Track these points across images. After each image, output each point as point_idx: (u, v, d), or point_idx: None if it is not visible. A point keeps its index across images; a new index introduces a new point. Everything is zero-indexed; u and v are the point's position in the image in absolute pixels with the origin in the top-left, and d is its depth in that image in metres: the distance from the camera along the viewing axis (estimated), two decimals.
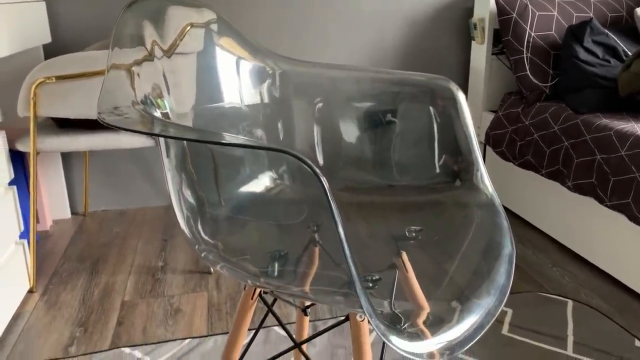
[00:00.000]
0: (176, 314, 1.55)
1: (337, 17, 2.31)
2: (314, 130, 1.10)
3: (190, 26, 1.07)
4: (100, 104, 0.72)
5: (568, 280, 1.72)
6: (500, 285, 0.82)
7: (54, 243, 2.02)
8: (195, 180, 0.87)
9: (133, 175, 2.31)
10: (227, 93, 1.05)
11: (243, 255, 0.83)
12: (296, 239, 0.92)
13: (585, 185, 1.72)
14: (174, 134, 0.61)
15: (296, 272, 0.81)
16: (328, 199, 0.56)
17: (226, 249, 0.85)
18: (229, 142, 0.59)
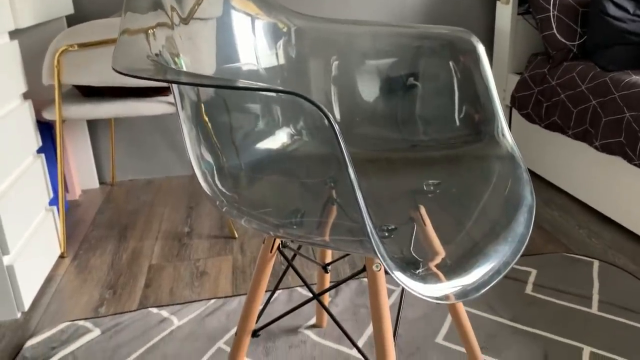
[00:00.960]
0: (202, 277, 1.58)
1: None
2: (331, 88, 1.10)
3: None
4: (116, 59, 0.72)
5: (594, 241, 1.69)
6: (519, 234, 0.81)
7: (83, 211, 2.07)
8: (211, 134, 0.87)
9: (158, 145, 2.35)
10: (243, 55, 1.05)
11: (262, 209, 0.84)
12: (314, 196, 0.93)
13: (614, 144, 1.68)
14: (187, 80, 0.62)
15: (315, 223, 0.81)
16: (337, 137, 0.56)
17: (245, 203, 0.86)
18: (240, 86, 0.59)
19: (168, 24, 0.91)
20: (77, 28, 1.57)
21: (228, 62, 1.02)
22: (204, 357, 1.22)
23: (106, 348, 1.26)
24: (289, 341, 1.26)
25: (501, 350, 1.21)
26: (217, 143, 0.86)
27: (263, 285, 0.94)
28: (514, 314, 1.33)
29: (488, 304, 1.37)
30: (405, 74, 1.12)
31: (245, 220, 0.82)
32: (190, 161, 0.84)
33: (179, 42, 0.94)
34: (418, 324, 1.31)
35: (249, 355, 1.22)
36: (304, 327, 1.32)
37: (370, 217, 0.64)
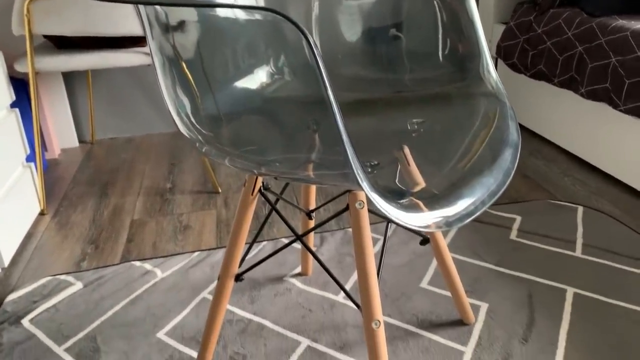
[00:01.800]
0: (185, 230, 1.56)
1: None
2: (312, 27, 1.06)
3: None
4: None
5: (579, 188, 1.69)
6: (504, 168, 0.79)
7: (62, 170, 2.02)
8: (184, 69, 0.84)
9: (138, 102, 2.29)
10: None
11: (244, 147, 0.82)
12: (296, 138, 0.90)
13: (599, 90, 1.66)
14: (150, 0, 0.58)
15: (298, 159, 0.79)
16: (315, 58, 0.53)
17: (225, 142, 0.83)
18: (209, 3, 0.56)
19: None
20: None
21: None
22: (188, 307, 1.21)
23: (89, 300, 1.24)
24: (274, 289, 1.26)
25: (486, 293, 1.21)
26: (191, 80, 0.83)
27: (245, 229, 0.92)
28: (498, 259, 1.33)
29: (473, 250, 1.37)
30: (388, 24, 1.08)
31: (227, 159, 0.79)
32: (166, 103, 0.81)
33: None
34: (402, 271, 1.30)
35: (234, 304, 1.21)
36: (289, 275, 1.31)
37: (352, 147, 0.62)
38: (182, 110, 0.84)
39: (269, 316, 1.17)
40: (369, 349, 0.80)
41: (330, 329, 1.12)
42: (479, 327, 1.11)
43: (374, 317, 0.79)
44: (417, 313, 1.16)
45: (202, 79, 0.84)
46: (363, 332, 1.11)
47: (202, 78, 0.84)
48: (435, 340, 1.08)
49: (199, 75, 0.83)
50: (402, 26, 1.05)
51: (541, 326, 1.11)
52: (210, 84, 0.84)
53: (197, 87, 0.85)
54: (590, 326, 1.10)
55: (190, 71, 0.82)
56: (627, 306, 1.15)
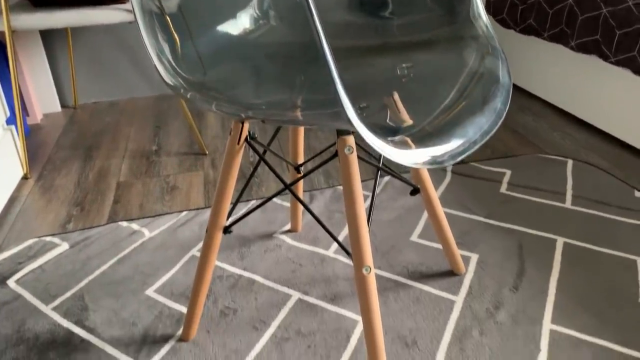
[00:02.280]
0: (172, 191, 1.54)
1: None
2: None
3: None
4: None
5: (568, 142, 1.69)
6: (496, 109, 0.78)
7: (45, 134, 1.98)
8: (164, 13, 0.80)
9: (121, 65, 2.24)
10: None
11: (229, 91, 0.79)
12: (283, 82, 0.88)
13: (590, 43, 1.64)
14: None
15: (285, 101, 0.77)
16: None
17: (209, 87, 0.80)
18: None
19: None
20: None
21: None
22: (177, 264, 1.20)
23: (76, 261, 1.23)
24: (264, 246, 1.25)
25: (476, 245, 1.21)
26: (170, 24, 0.80)
27: (232, 180, 0.90)
28: (488, 212, 1.33)
29: (462, 204, 1.37)
30: None
31: (214, 105, 0.77)
32: (147, 50, 0.78)
33: None
34: (392, 225, 1.30)
35: (224, 261, 1.20)
36: (279, 232, 1.30)
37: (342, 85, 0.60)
38: (163, 57, 0.81)
39: (259, 271, 1.16)
40: (360, 296, 0.79)
41: (320, 282, 1.12)
42: (470, 277, 1.11)
43: (365, 262, 0.78)
44: (408, 265, 1.16)
45: (182, 23, 0.81)
46: (354, 285, 1.10)
47: (182, 23, 0.80)
48: (426, 290, 1.08)
49: (179, 19, 0.80)
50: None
51: (531, 275, 1.11)
52: (189, 29, 0.81)
53: (178, 32, 0.82)
54: (580, 273, 1.10)
55: (170, 15, 0.79)
56: (616, 253, 1.16)
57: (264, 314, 1.04)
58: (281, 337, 0.98)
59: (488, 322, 0.99)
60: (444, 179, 1.49)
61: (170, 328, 1.02)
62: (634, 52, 1.48)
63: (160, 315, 1.05)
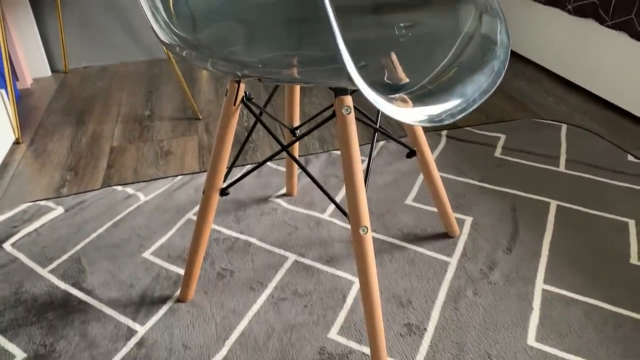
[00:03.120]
0: (167, 156, 1.53)
1: None
2: None
3: None
4: None
5: (562, 106, 1.69)
6: (495, 67, 0.77)
7: (36, 99, 1.95)
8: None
9: (112, 28, 2.20)
10: None
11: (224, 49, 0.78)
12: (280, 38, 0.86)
13: (587, 6, 1.63)
14: None
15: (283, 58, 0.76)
16: None
17: (205, 45, 0.79)
18: None
19: None
20: None
21: None
22: (174, 227, 1.20)
23: (71, 224, 1.23)
24: (260, 209, 1.25)
25: (470, 208, 1.22)
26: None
27: (229, 141, 0.89)
28: (482, 175, 1.34)
29: (456, 168, 1.37)
30: None
31: (210, 63, 0.76)
32: (142, 7, 0.76)
33: None
34: (388, 189, 1.30)
35: (220, 224, 1.20)
36: (274, 196, 1.30)
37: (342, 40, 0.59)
38: (158, 15, 0.79)
39: (256, 234, 1.16)
40: (357, 256, 0.80)
41: (316, 244, 1.13)
42: (464, 239, 1.12)
43: (362, 223, 0.78)
44: (403, 228, 1.17)
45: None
46: (349, 247, 1.11)
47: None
48: (420, 252, 1.09)
49: None
50: None
51: (525, 237, 1.12)
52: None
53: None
54: (572, 235, 1.12)
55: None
56: (608, 216, 1.17)
57: (260, 275, 1.05)
58: (278, 297, 0.99)
59: (482, 282, 1.01)
60: (438, 143, 1.49)
61: (167, 290, 1.03)
62: (631, 15, 1.47)
63: (158, 277, 1.05)
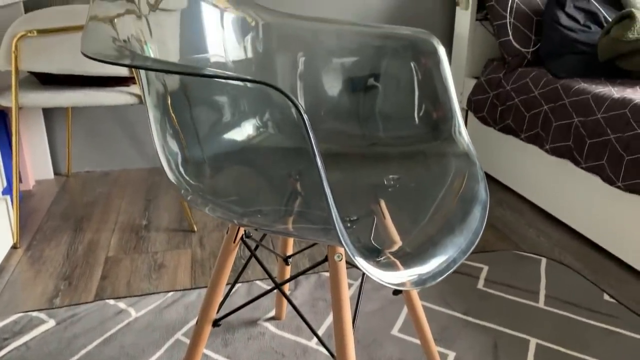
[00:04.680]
0: (160, 269, 1.57)
1: None
2: (297, 83, 1.12)
3: None
4: (86, 42, 0.72)
5: (543, 239, 1.77)
6: (473, 228, 0.85)
7: (37, 202, 2.02)
8: (176, 123, 0.88)
9: (116, 136, 2.31)
10: (212, 47, 1.06)
11: (227, 197, 0.85)
12: (278, 188, 0.95)
13: (563, 148, 1.76)
14: (156, 66, 0.63)
15: (279, 212, 0.83)
16: (306, 126, 0.58)
17: (210, 192, 0.87)
18: (209, 74, 0.60)
19: (136, 12, 0.91)
20: (36, 14, 1.54)
21: (196, 53, 1.03)
22: (162, 348, 1.22)
23: (61, 339, 1.24)
24: (248, 333, 1.28)
25: (454, 342, 1.26)
26: (181, 133, 0.87)
27: (225, 275, 0.95)
28: (466, 308, 1.38)
29: (442, 298, 1.42)
30: (367, 74, 1.15)
31: (209, 208, 0.83)
32: (155, 149, 0.84)
33: (146, 30, 0.95)
34: (375, 317, 1.34)
35: (207, 347, 1.22)
36: (263, 319, 1.33)
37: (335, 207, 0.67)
38: (172, 159, 0.88)
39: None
40: None
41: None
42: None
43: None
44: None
45: (192, 131, 0.88)
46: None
47: (192, 131, 0.88)
48: None
49: (189, 128, 0.88)
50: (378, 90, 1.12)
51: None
52: (199, 137, 0.89)
53: (187, 138, 0.90)
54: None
55: (181, 125, 0.87)
56: (586, 357, 1.21)
57: None
58: None
59: None
60: None
61: None
62: (602, 161, 1.60)
63: None
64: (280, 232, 0.79)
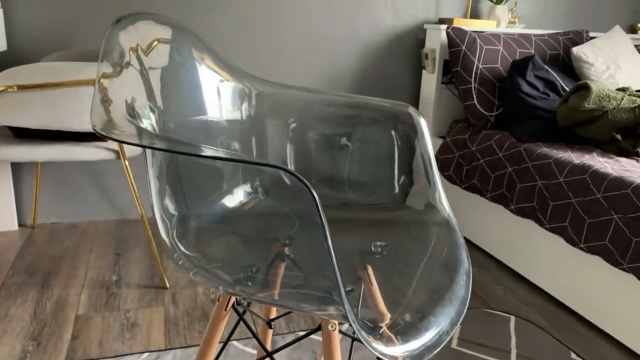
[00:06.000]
0: (133, 328, 1.54)
1: (295, 38, 2.39)
2: (286, 148, 1.15)
3: (157, 42, 1.10)
4: (93, 116, 0.74)
5: (510, 297, 1.83)
6: (460, 297, 0.89)
7: (0, 255, 1.96)
8: (173, 191, 0.90)
9: (85, 187, 2.28)
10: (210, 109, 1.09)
11: (217, 264, 0.87)
12: (267, 252, 0.97)
13: (527, 208, 1.85)
14: (162, 146, 0.65)
15: (268, 281, 0.85)
16: (319, 212, 0.61)
17: (201, 258, 0.88)
18: (224, 157, 0.63)
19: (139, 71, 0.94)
20: (16, 70, 1.54)
21: (195, 115, 1.05)
22: None
23: None
24: None
25: None
26: (177, 199, 0.89)
27: (215, 342, 0.95)
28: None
29: None
30: (339, 133, 1.20)
31: (201, 276, 0.84)
32: (157, 219, 0.86)
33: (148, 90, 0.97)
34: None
35: None
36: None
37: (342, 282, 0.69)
38: (168, 224, 0.89)
39: None
40: None
41: None
42: None
43: None
44: None
45: (187, 198, 0.90)
46: None
47: (187, 197, 0.90)
48: None
49: (185, 195, 0.89)
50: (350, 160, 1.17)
51: None
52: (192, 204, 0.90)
53: (182, 204, 0.91)
54: None
55: (177, 191, 0.88)
56: None
57: None
58: None
59: None
60: None
61: None
62: (565, 223, 1.68)
63: None
64: (271, 304, 0.81)
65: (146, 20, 0.98)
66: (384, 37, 2.50)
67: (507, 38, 2.30)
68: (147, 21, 0.98)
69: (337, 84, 2.50)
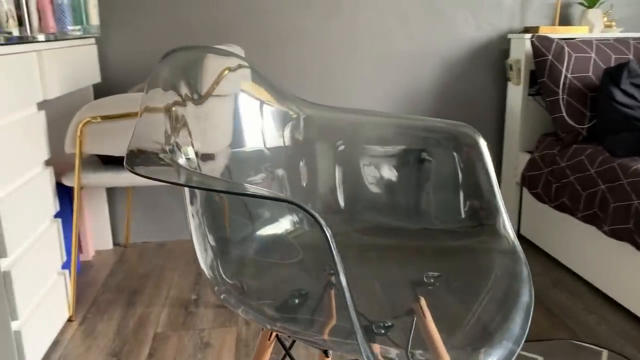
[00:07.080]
0: (206, 348, 1.58)
1: (369, 57, 2.37)
2: (335, 172, 1.14)
3: (227, 70, 1.13)
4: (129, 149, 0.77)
5: (603, 327, 1.67)
6: (514, 335, 0.81)
7: (95, 273, 2.10)
8: (216, 223, 0.91)
9: (172, 208, 2.40)
10: (251, 136, 1.10)
11: (262, 299, 0.86)
12: (314, 282, 0.95)
13: (622, 230, 1.68)
14: (197, 184, 0.66)
15: (313, 319, 0.83)
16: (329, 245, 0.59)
17: (245, 291, 0.88)
18: (241, 192, 0.63)
19: (182, 103, 0.96)
20: (99, 101, 1.65)
21: (235, 147, 1.07)
22: None
23: None
24: None
25: None
26: (219, 229, 0.90)
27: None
28: None
29: None
30: (418, 148, 1.15)
31: (242, 310, 0.84)
32: (197, 255, 0.87)
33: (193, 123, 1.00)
34: None
35: None
36: None
37: (359, 317, 0.66)
38: (208, 254, 0.90)
39: None
40: None
41: None
42: None
43: None
44: None
45: (230, 228, 0.90)
46: None
47: (234, 229, 0.90)
48: None
49: (230, 227, 0.90)
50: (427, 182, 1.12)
51: None
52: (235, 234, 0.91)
53: (225, 235, 0.92)
54: None
55: (219, 222, 0.89)
56: None
57: None
58: None
59: None
60: None
61: None
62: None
63: None
64: (313, 342, 0.78)
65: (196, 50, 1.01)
66: (464, 50, 2.41)
67: (600, 44, 2.13)
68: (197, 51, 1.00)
69: (416, 101, 2.44)
